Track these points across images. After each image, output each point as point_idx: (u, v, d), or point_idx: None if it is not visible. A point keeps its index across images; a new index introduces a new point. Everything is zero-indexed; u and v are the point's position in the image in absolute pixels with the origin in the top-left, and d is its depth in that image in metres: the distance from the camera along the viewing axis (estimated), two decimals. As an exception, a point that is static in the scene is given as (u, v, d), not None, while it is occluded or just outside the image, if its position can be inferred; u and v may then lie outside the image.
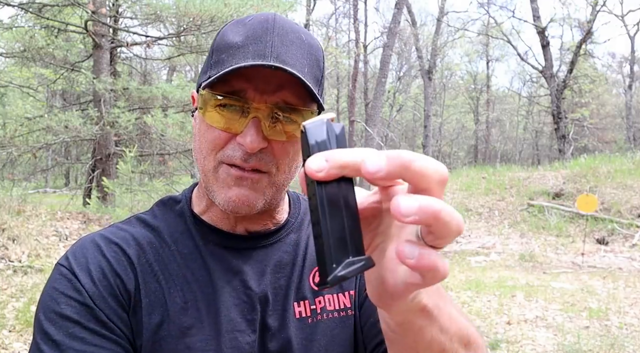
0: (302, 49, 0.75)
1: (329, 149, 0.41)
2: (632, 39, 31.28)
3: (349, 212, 0.40)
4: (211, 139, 0.75)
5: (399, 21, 16.34)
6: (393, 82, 33.31)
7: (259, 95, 0.72)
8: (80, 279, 0.72)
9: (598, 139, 30.90)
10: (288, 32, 0.74)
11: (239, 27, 0.75)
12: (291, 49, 0.73)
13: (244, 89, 0.72)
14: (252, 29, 0.74)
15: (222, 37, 0.76)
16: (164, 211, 0.85)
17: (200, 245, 0.81)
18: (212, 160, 0.76)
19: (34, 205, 8.03)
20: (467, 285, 6.83)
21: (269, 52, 0.71)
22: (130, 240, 0.79)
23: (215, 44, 0.77)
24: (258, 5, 9.35)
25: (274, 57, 0.70)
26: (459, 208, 12.42)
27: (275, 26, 0.74)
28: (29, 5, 9.91)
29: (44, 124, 9.37)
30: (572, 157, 18.82)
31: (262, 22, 0.74)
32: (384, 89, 16.63)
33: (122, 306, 0.74)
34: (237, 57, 0.71)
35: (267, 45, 0.71)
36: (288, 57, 0.72)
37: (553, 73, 21.10)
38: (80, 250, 0.76)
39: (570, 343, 4.65)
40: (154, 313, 0.75)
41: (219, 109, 0.73)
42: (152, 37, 11.37)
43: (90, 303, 0.71)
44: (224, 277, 0.79)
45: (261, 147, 0.73)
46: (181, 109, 10.29)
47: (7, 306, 4.95)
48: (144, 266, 0.77)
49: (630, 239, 10.09)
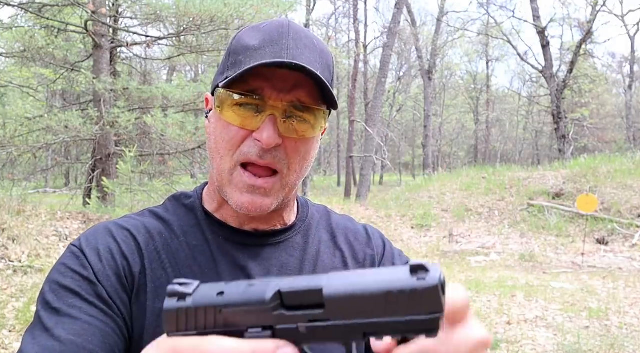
0: (315, 53, 0.78)
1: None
2: (632, 39, 31.31)
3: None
4: (228, 138, 0.78)
5: (399, 21, 16.35)
6: (393, 82, 33.33)
7: (276, 94, 0.75)
8: (88, 257, 0.76)
9: (598, 139, 30.93)
10: (302, 37, 0.78)
11: (254, 32, 0.79)
12: (305, 53, 0.77)
13: (261, 87, 0.75)
14: (268, 33, 0.77)
15: (239, 41, 0.80)
16: (175, 205, 0.88)
17: (210, 238, 0.83)
18: (229, 161, 0.78)
19: (34, 205, 8.03)
20: (467, 285, 6.83)
21: (285, 54, 0.75)
22: (141, 228, 0.82)
23: (232, 48, 0.80)
24: (258, 5, 9.35)
25: (291, 59, 0.74)
26: (459, 208, 12.43)
27: (290, 31, 0.78)
28: (29, 5, 9.91)
29: (44, 124, 9.37)
30: (572, 157, 18.83)
31: (278, 27, 0.78)
32: (384, 89, 16.64)
33: (125, 287, 0.76)
34: (255, 58, 0.74)
35: (284, 48, 0.75)
36: (303, 59, 0.75)
37: (553, 73, 21.10)
38: (92, 233, 0.80)
39: (570, 343, 4.65)
40: (159, 298, 0.77)
41: (236, 107, 0.77)
42: (152, 37, 11.37)
43: (93, 279, 0.74)
44: (230, 270, 0.81)
45: (277, 143, 0.76)
46: (181, 109, 10.29)
47: (7, 306, 4.95)
48: (152, 253, 0.80)
49: (630, 239, 10.09)
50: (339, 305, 0.41)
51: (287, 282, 0.42)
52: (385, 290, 0.39)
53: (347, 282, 0.41)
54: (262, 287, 0.43)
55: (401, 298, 0.39)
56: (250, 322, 0.42)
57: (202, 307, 0.44)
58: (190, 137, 10.00)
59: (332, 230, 0.93)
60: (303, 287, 0.42)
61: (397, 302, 0.39)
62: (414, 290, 0.39)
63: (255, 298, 0.42)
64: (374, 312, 0.40)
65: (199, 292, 0.45)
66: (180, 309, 0.44)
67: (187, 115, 10.04)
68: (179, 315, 0.44)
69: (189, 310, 0.44)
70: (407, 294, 0.39)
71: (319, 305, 0.41)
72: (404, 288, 0.39)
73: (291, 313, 0.42)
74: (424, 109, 26.85)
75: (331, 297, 0.41)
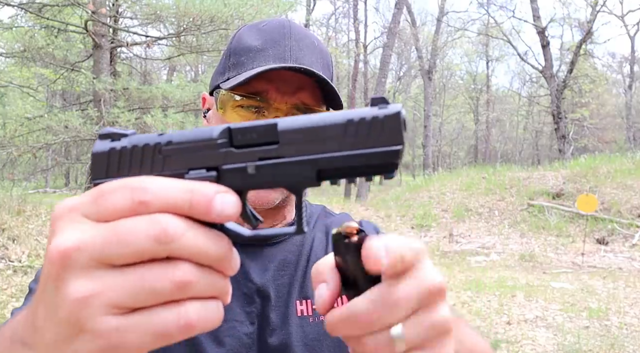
0: (316, 53, 0.79)
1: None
2: (632, 39, 31.32)
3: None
4: None
5: (399, 21, 16.35)
6: (393, 82, 33.33)
7: (280, 96, 0.76)
8: None
9: (598, 139, 30.90)
10: (303, 38, 0.79)
11: (255, 32, 0.79)
12: (307, 54, 0.77)
13: (265, 90, 0.76)
14: (269, 34, 0.78)
15: (239, 40, 0.80)
16: None
17: None
18: None
19: (34, 205, 8.03)
20: (467, 285, 6.83)
21: (289, 55, 0.75)
22: None
23: (232, 47, 0.80)
24: (258, 5, 9.35)
25: (294, 60, 0.75)
26: (459, 208, 12.43)
27: (292, 31, 0.78)
28: (29, 5, 9.91)
29: (44, 124, 9.38)
30: (572, 157, 18.83)
31: (279, 27, 0.78)
32: (384, 89, 16.64)
33: None
34: (259, 60, 0.75)
35: (286, 49, 0.76)
36: (305, 60, 0.76)
37: (553, 73, 21.10)
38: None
39: (570, 343, 4.65)
40: None
41: (239, 109, 0.77)
42: (152, 37, 11.37)
43: None
44: None
45: None
46: (181, 109, 10.29)
47: (7, 306, 4.95)
48: None
49: (630, 239, 10.09)
50: (294, 138, 0.37)
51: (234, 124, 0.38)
52: (345, 119, 0.37)
53: (305, 118, 0.37)
54: (209, 128, 0.38)
55: (361, 127, 0.36)
56: (194, 164, 0.37)
57: (139, 146, 0.38)
58: (190, 137, 9.99)
59: (327, 228, 0.94)
60: (256, 123, 0.38)
61: (357, 133, 0.36)
62: (375, 117, 0.36)
63: (201, 136, 0.37)
64: (331, 145, 0.37)
65: (137, 135, 0.39)
66: (112, 150, 0.38)
67: (187, 115, 10.04)
68: (111, 158, 0.38)
69: (123, 151, 0.38)
70: (367, 122, 0.36)
71: (272, 142, 0.37)
72: (365, 116, 0.37)
73: (240, 151, 0.37)
74: (424, 109, 26.84)
75: (287, 130, 0.37)
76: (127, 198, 0.33)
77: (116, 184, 0.34)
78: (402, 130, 0.36)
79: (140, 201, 0.33)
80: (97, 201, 0.34)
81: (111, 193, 0.34)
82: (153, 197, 0.34)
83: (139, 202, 0.33)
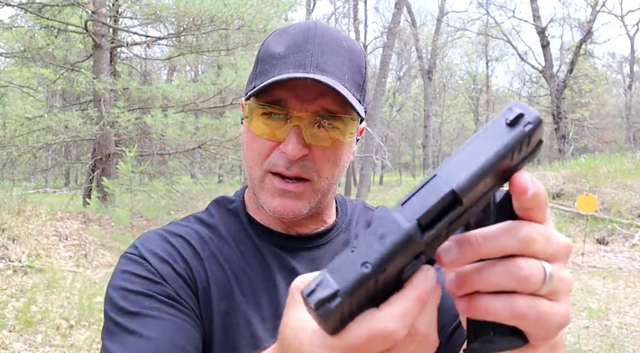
0: (343, 56, 0.78)
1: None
2: (632, 39, 31.33)
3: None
4: (257, 148, 0.79)
5: (399, 21, 16.34)
6: (393, 82, 33.33)
7: (300, 104, 0.75)
8: (150, 261, 0.76)
9: (598, 139, 30.89)
10: (328, 41, 0.77)
11: (282, 37, 0.79)
12: (331, 57, 0.76)
13: (285, 98, 0.75)
14: (293, 39, 0.77)
15: (266, 47, 0.80)
16: (219, 211, 0.89)
17: (258, 242, 0.84)
18: (258, 170, 0.79)
19: (34, 205, 8.02)
20: (467, 285, 6.83)
21: (309, 61, 0.74)
22: (192, 234, 0.82)
23: (260, 54, 0.81)
24: (258, 5, 9.36)
25: (314, 66, 0.74)
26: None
27: (316, 35, 0.77)
28: (29, 5, 9.92)
29: (44, 124, 9.38)
30: (572, 157, 18.83)
31: (304, 31, 0.78)
32: (384, 89, 16.64)
33: (191, 289, 0.77)
34: (279, 68, 0.75)
35: (308, 55, 0.75)
36: (328, 65, 0.75)
37: (553, 73, 21.11)
38: (146, 240, 0.80)
39: (570, 343, 4.65)
40: (222, 300, 0.78)
41: (263, 117, 0.77)
42: (152, 37, 11.38)
43: (160, 280, 0.74)
44: (281, 273, 0.82)
45: (302, 154, 0.76)
46: (181, 109, 10.29)
47: (7, 306, 4.95)
48: (209, 256, 0.81)
49: (630, 239, 10.08)
50: (473, 192, 0.38)
51: (407, 212, 0.38)
52: (501, 155, 0.38)
53: (462, 165, 0.39)
54: (390, 229, 0.37)
55: (513, 154, 0.39)
56: (403, 264, 0.38)
57: (355, 291, 0.36)
58: (190, 137, 10.00)
59: (368, 223, 0.94)
60: (434, 201, 0.38)
61: (511, 158, 0.39)
62: (520, 141, 0.39)
63: (399, 240, 0.37)
64: (496, 178, 0.40)
65: (340, 281, 0.37)
66: (337, 307, 0.36)
67: (187, 115, 10.04)
68: (343, 313, 0.37)
69: (344, 302, 0.36)
70: (518, 147, 0.39)
71: (456, 205, 0.38)
72: (514, 144, 0.39)
73: (433, 230, 0.38)
74: (424, 109, 26.86)
75: (463, 189, 0.38)
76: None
77: (360, 336, 0.37)
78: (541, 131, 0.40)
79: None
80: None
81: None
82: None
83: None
